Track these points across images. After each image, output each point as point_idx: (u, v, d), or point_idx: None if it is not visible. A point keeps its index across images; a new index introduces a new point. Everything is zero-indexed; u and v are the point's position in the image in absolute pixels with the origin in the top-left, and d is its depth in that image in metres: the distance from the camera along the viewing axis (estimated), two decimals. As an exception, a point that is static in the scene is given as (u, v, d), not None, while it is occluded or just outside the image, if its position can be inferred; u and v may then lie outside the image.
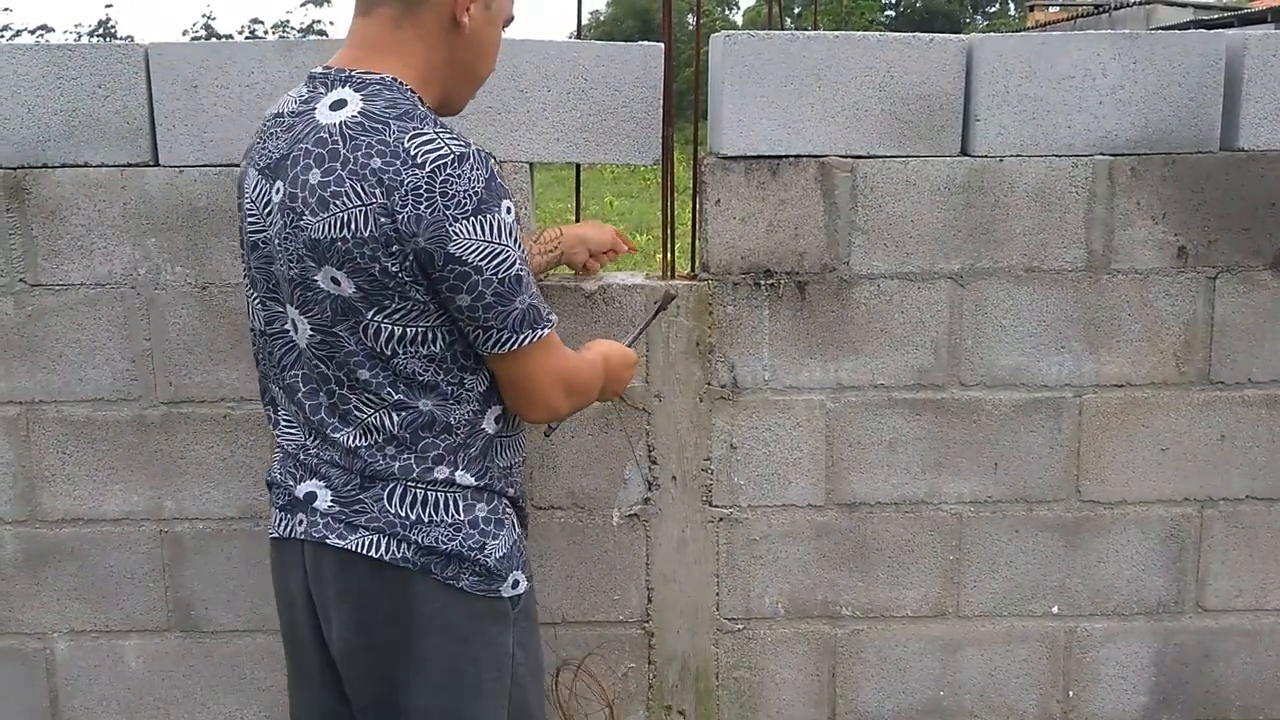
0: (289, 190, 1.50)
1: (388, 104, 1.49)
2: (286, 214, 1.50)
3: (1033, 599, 2.49)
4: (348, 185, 1.45)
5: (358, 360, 1.53)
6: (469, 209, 1.45)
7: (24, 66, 2.27)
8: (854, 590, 2.47)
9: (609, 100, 2.32)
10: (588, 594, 2.45)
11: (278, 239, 1.53)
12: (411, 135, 1.45)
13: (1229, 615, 2.51)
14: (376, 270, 1.46)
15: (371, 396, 1.56)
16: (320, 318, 1.53)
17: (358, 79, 1.52)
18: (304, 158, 1.49)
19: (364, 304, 1.49)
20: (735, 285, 2.35)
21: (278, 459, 1.70)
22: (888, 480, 2.43)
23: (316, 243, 1.47)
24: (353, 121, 1.47)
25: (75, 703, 2.50)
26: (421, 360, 1.54)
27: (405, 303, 1.49)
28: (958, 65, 2.31)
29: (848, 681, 2.51)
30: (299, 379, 1.61)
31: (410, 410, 1.57)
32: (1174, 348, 2.40)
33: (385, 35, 1.55)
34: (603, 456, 2.41)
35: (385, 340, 1.52)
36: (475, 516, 1.63)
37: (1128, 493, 2.45)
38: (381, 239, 1.44)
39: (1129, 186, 2.34)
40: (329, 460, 1.61)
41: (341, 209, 1.45)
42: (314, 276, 1.50)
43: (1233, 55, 2.32)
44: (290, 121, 1.55)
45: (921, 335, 2.38)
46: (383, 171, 1.44)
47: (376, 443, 1.58)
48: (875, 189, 2.33)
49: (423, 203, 1.43)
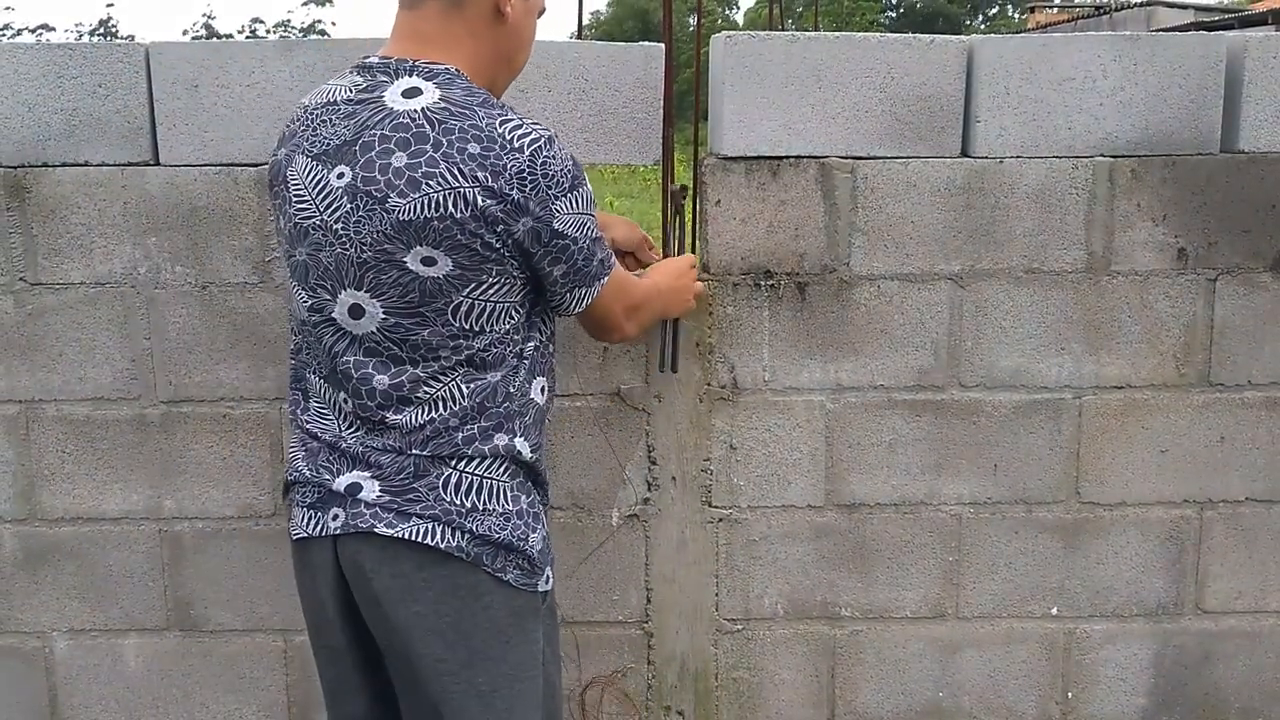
0: (361, 174, 1.53)
1: (465, 92, 1.56)
2: (360, 197, 1.53)
3: (1032, 600, 2.49)
4: (442, 167, 1.49)
5: (440, 339, 1.57)
6: (566, 186, 1.55)
7: (25, 65, 2.27)
8: (853, 591, 2.47)
9: (609, 100, 2.32)
10: (587, 594, 2.45)
11: (341, 223, 1.55)
12: (501, 121, 1.53)
13: (1228, 617, 2.51)
14: (479, 245, 1.52)
15: (444, 376, 1.59)
16: (400, 299, 1.55)
17: (424, 68, 1.57)
18: (380, 142, 1.53)
19: (460, 281, 1.54)
20: (735, 286, 2.35)
21: (302, 455, 1.69)
22: (887, 481, 2.43)
23: (407, 224, 1.51)
24: (437, 107, 1.53)
25: (74, 701, 2.50)
26: (500, 334, 1.60)
27: (500, 278, 1.56)
28: (958, 66, 2.31)
29: (847, 682, 2.51)
30: (353, 365, 1.61)
31: (480, 383, 1.61)
32: (1174, 349, 2.40)
33: (435, 28, 1.59)
34: (602, 457, 2.41)
35: (476, 317, 1.57)
36: (521, 508, 1.67)
37: (1127, 494, 2.45)
38: (487, 218, 1.51)
39: (1129, 188, 2.34)
40: (379, 446, 1.61)
41: (437, 189, 1.49)
42: (400, 258, 1.53)
43: (1233, 57, 2.32)
44: (349, 109, 1.58)
45: (921, 336, 2.38)
46: (483, 156, 1.50)
47: (442, 416, 1.60)
48: (876, 190, 2.33)
49: (528, 184, 1.51)
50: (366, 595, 1.62)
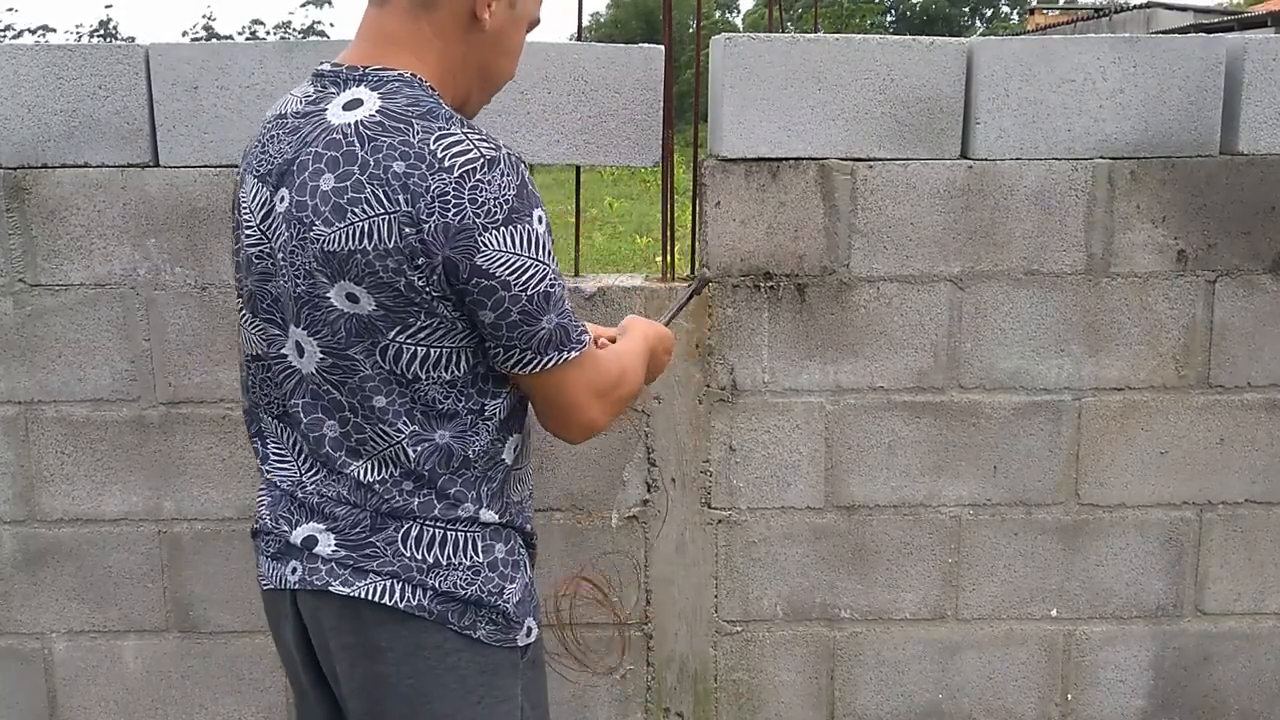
0: (296, 198, 1.37)
1: (409, 101, 1.37)
2: (293, 224, 1.38)
3: (1031, 602, 2.49)
4: (367, 191, 1.32)
5: (374, 385, 1.41)
6: (499, 218, 1.32)
7: (24, 67, 2.27)
8: (853, 593, 2.47)
9: (609, 102, 2.32)
10: (586, 595, 2.45)
11: (282, 252, 1.41)
12: (438, 136, 1.33)
13: (1228, 619, 2.51)
14: (401, 285, 1.34)
15: (387, 428, 1.43)
16: (333, 339, 1.40)
17: (374, 76, 1.40)
18: (314, 162, 1.36)
19: (385, 323, 1.36)
20: (735, 287, 2.35)
21: (266, 502, 1.56)
22: (887, 483, 2.43)
23: (331, 255, 1.34)
24: (370, 121, 1.35)
25: (73, 703, 2.50)
26: (443, 386, 1.42)
27: (431, 320, 1.37)
28: (958, 68, 2.31)
29: (846, 684, 2.51)
30: (302, 407, 1.47)
31: (427, 443, 1.44)
32: (1173, 351, 2.40)
33: (401, 29, 1.43)
34: (601, 458, 2.41)
35: (407, 363, 1.39)
36: (495, 558, 1.51)
37: (1127, 496, 2.45)
38: (406, 250, 1.31)
39: (1129, 190, 2.34)
40: (335, 497, 1.47)
41: (361, 217, 1.32)
42: (326, 293, 1.37)
43: (1233, 59, 2.32)
44: (295, 123, 1.43)
45: (921, 338, 2.38)
46: (407, 176, 1.31)
47: (393, 477, 1.45)
48: (875, 191, 2.33)
49: (450, 210, 1.31)
50: (327, 652, 1.51)
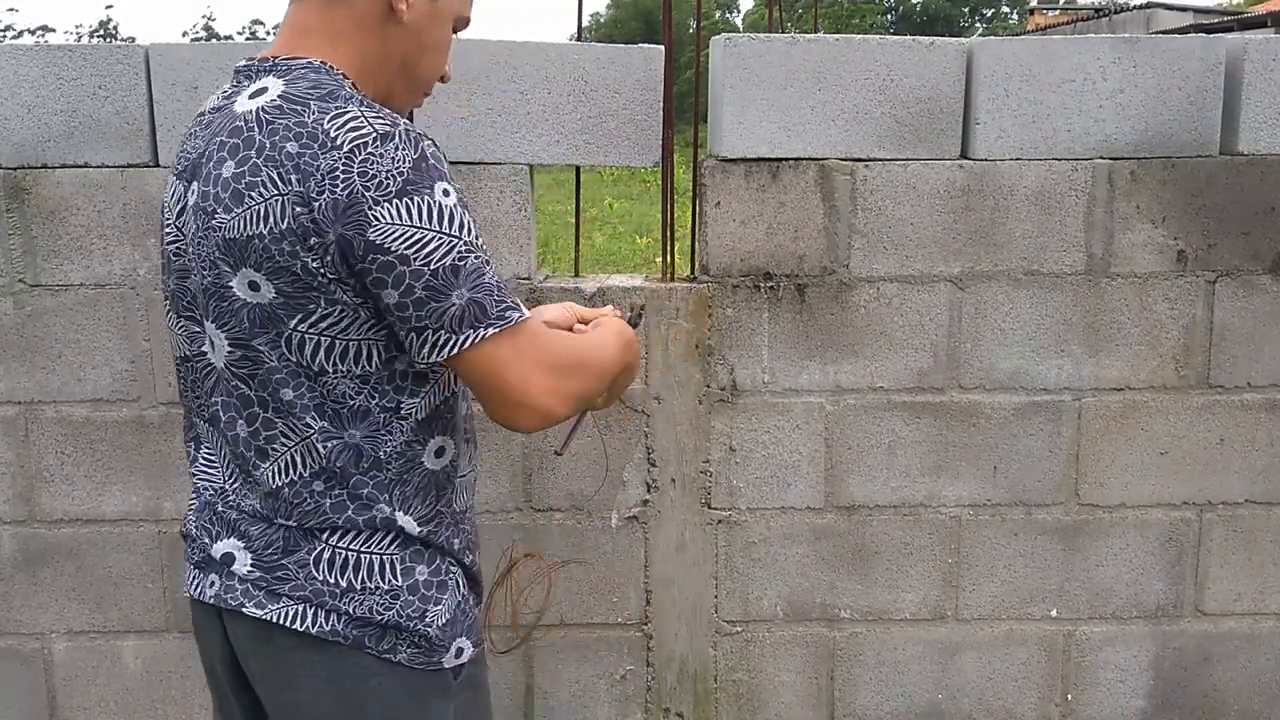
0: (202, 189, 1.35)
1: (310, 85, 1.34)
2: (199, 215, 1.35)
3: (1031, 602, 2.49)
4: (263, 174, 1.29)
5: (280, 379, 1.36)
6: (390, 190, 1.26)
7: (24, 67, 2.27)
8: (853, 593, 2.47)
9: (609, 102, 2.32)
10: (586, 596, 2.45)
11: (192, 245, 1.38)
12: (333, 115, 1.29)
13: (1228, 619, 2.50)
14: (297, 268, 1.29)
15: (296, 422, 1.38)
16: (238, 330, 1.36)
17: (282, 65, 1.38)
18: (218, 151, 1.34)
19: (286, 311, 1.32)
20: (735, 288, 2.35)
21: (194, 506, 1.52)
22: (887, 483, 2.43)
23: (231, 243, 1.31)
24: (270, 106, 1.32)
25: (73, 703, 2.49)
26: (354, 381, 1.36)
27: (332, 307, 1.32)
28: (958, 69, 2.31)
29: (846, 684, 2.51)
30: (220, 405, 1.43)
31: (336, 440, 1.38)
32: (1173, 351, 2.40)
33: (317, 20, 1.41)
34: (601, 459, 2.41)
35: (311, 353, 1.34)
36: (415, 581, 1.45)
37: (1127, 496, 2.45)
38: (299, 231, 1.27)
39: (1129, 190, 2.34)
40: (250, 512, 1.43)
41: (257, 201, 1.29)
42: (229, 283, 1.33)
43: (1232, 59, 2.32)
44: (209, 118, 1.41)
45: (921, 338, 2.38)
46: (299, 155, 1.27)
47: (302, 478, 1.40)
48: (875, 192, 2.33)
49: (339, 186, 1.26)
50: (248, 672, 1.47)
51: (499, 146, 2.31)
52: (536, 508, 2.42)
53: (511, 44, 2.29)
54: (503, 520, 2.42)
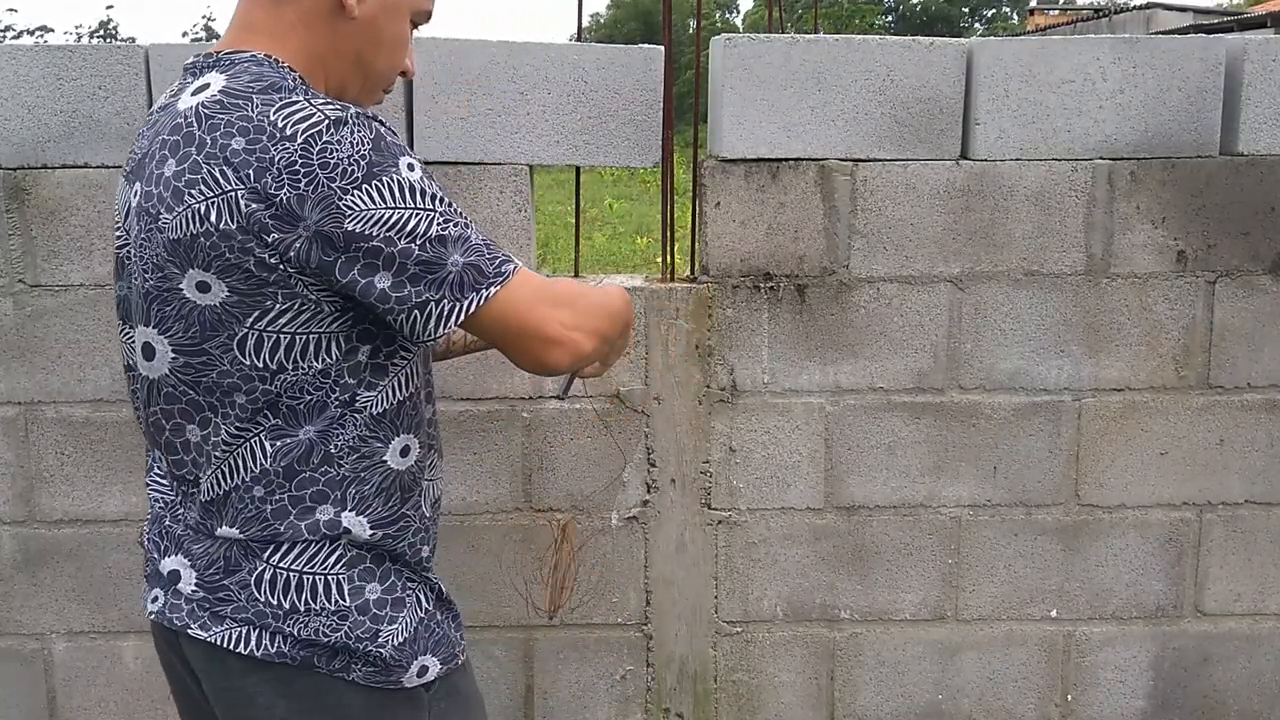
0: (144, 189, 1.32)
1: (252, 78, 1.30)
2: (143, 216, 1.32)
3: (1031, 603, 2.49)
4: (204, 171, 1.25)
5: (233, 382, 1.31)
6: (357, 177, 1.23)
7: (24, 67, 2.27)
8: (853, 593, 2.47)
9: (609, 103, 2.32)
10: (586, 596, 2.45)
11: (134, 247, 1.34)
12: (279, 106, 1.25)
13: (1227, 620, 2.51)
14: (250, 264, 1.25)
15: (243, 424, 1.33)
16: (184, 335, 1.31)
17: (226, 60, 1.34)
18: (160, 150, 1.31)
19: (240, 310, 1.28)
20: (735, 288, 2.35)
21: (149, 517, 1.49)
22: (886, 483, 2.43)
23: (176, 243, 1.27)
24: (210, 101, 1.28)
25: (73, 703, 2.49)
26: (313, 376, 1.32)
27: (290, 302, 1.28)
28: (958, 69, 2.31)
29: (846, 685, 2.51)
30: (159, 414, 1.38)
31: (287, 438, 1.33)
32: (1173, 352, 2.40)
33: (264, 16, 1.37)
34: (601, 459, 2.41)
35: (270, 352, 1.30)
36: (365, 600, 1.38)
37: (1127, 497, 2.45)
38: (255, 228, 1.23)
39: (1128, 190, 2.34)
40: (192, 525, 1.39)
41: (200, 198, 1.25)
42: (177, 285, 1.29)
43: (1232, 60, 2.33)
44: (155, 118, 1.38)
45: (921, 338, 2.38)
46: (247, 151, 1.23)
47: (244, 482, 1.34)
48: (875, 192, 2.33)
49: (302, 180, 1.22)
50: (205, 689, 1.44)
51: (499, 147, 2.31)
52: (536, 508, 2.42)
53: (511, 44, 2.29)
54: (503, 520, 2.42)
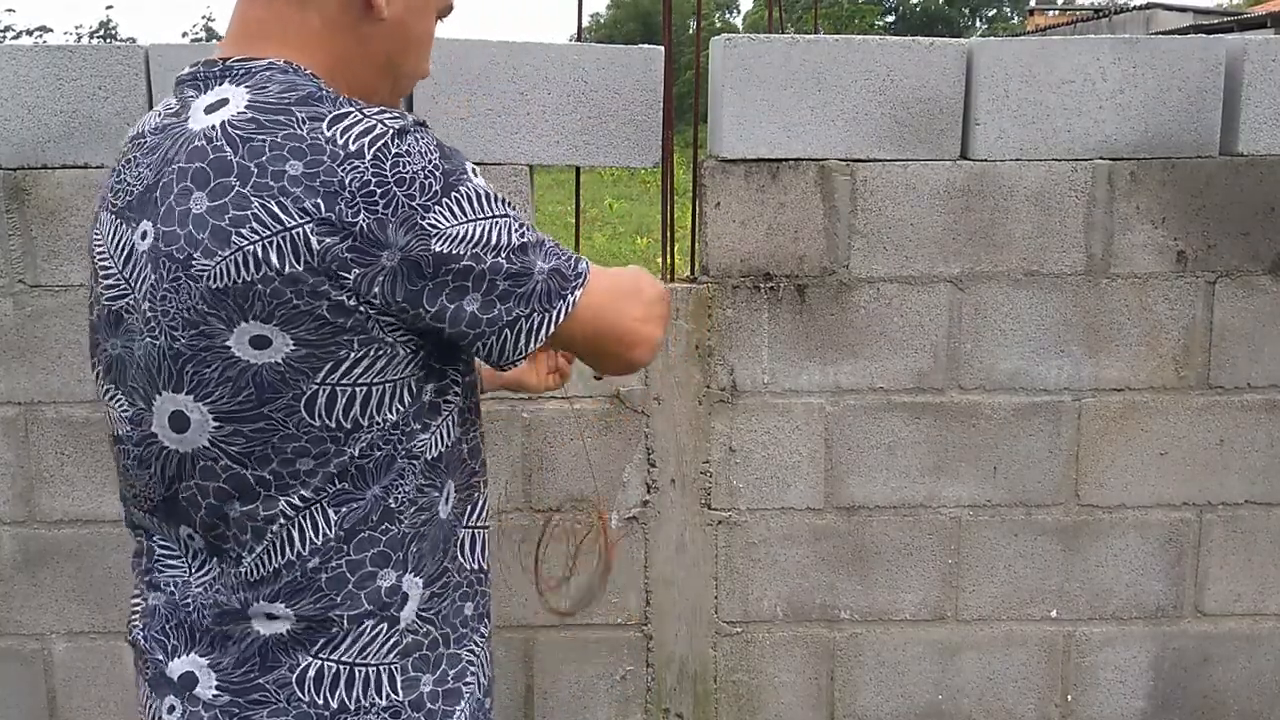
0: (162, 229, 1.12)
1: (283, 88, 1.14)
2: (162, 263, 1.12)
3: (1031, 603, 2.49)
4: (254, 205, 1.07)
5: (299, 447, 1.14)
6: (436, 190, 1.10)
7: (24, 68, 2.28)
8: (853, 594, 2.47)
9: (609, 103, 2.32)
10: (586, 595, 2.45)
11: (149, 301, 1.14)
12: (331, 120, 1.10)
13: (1227, 620, 2.51)
14: (323, 310, 1.09)
15: (305, 492, 1.16)
16: (235, 400, 1.13)
17: (239, 69, 1.17)
18: (179, 181, 1.12)
19: (309, 365, 1.11)
20: (735, 288, 2.35)
21: (140, 608, 1.27)
22: (886, 483, 2.43)
23: (221, 293, 1.09)
24: (240, 119, 1.11)
25: (73, 703, 2.49)
26: (386, 429, 1.17)
27: (366, 348, 1.12)
28: (958, 69, 2.31)
29: (846, 685, 2.51)
30: (194, 491, 1.18)
31: (355, 503, 1.17)
32: (1173, 352, 2.40)
33: (277, 20, 1.20)
34: (602, 459, 2.41)
35: (344, 410, 1.14)
36: (420, 694, 1.23)
37: (1126, 497, 2.45)
38: (332, 265, 1.07)
39: (1128, 191, 2.34)
40: (225, 610, 1.19)
41: (254, 238, 1.07)
42: (224, 343, 1.11)
43: (1232, 60, 2.33)
44: (154, 141, 1.18)
45: (921, 339, 2.38)
46: (309, 176, 1.07)
47: (299, 556, 1.17)
48: (875, 192, 2.33)
49: (380, 202, 1.08)
50: None
51: (499, 147, 2.31)
52: (536, 508, 2.42)
53: (511, 44, 2.29)
54: (503, 520, 2.42)
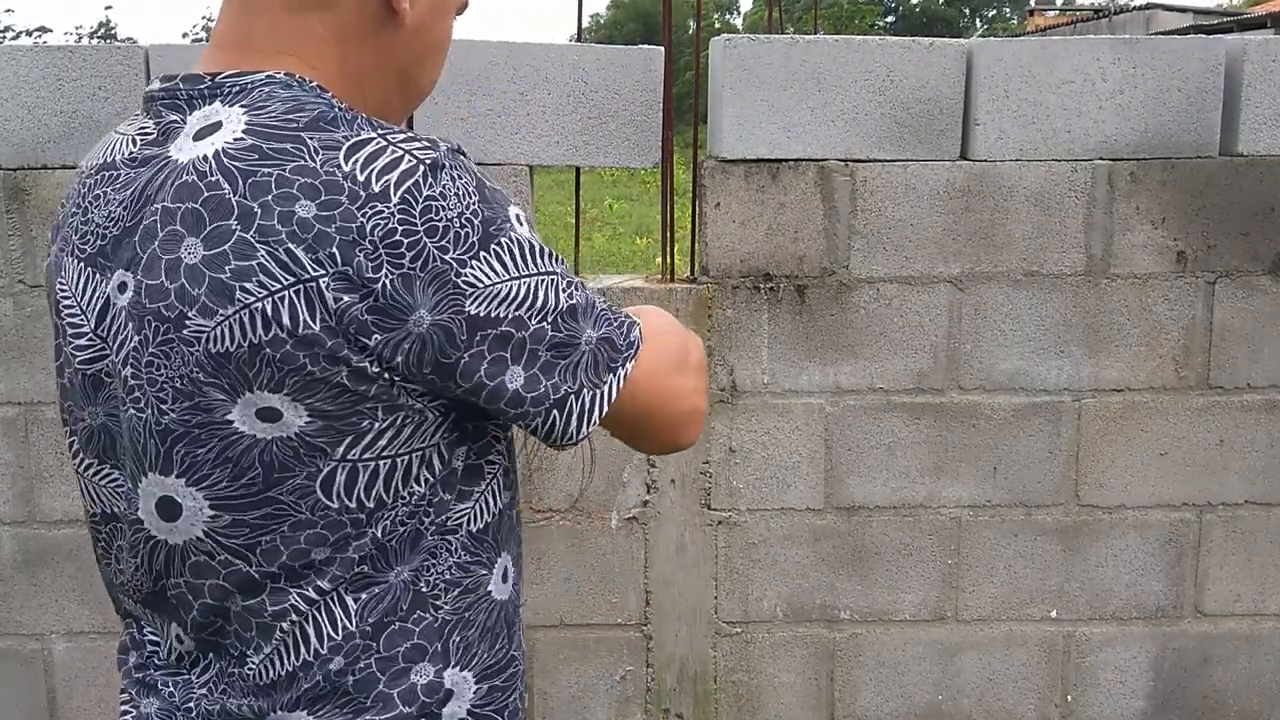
0: (146, 283, 0.93)
1: (288, 108, 0.94)
2: (147, 322, 0.93)
3: (1031, 603, 2.49)
4: (260, 254, 0.89)
5: (312, 535, 0.96)
6: (473, 242, 0.91)
7: (24, 68, 2.28)
8: (852, 594, 2.47)
9: (609, 103, 2.32)
10: (586, 597, 2.45)
11: (131, 367, 0.95)
12: (348, 150, 0.91)
13: (1227, 620, 2.51)
14: (343, 377, 0.91)
15: (318, 582, 0.98)
16: (236, 484, 0.95)
17: (229, 85, 0.97)
18: (164, 224, 0.93)
19: (327, 439, 0.93)
20: (735, 289, 2.35)
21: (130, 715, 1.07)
22: (886, 484, 2.43)
23: (223, 359, 0.91)
24: (238, 148, 0.92)
25: (73, 704, 2.49)
26: (409, 506, 0.98)
27: (392, 416, 0.94)
28: (958, 69, 2.31)
29: (846, 685, 2.51)
30: (186, 588, 1.00)
31: (376, 587, 0.98)
32: (1173, 352, 2.40)
33: (269, 28, 1.00)
34: (601, 459, 2.41)
35: (366, 487, 0.96)
36: None
37: (1126, 497, 2.45)
38: (351, 328, 0.89)
39: (1128, 191, 2.34)
40: (232, 717, 1.01)
41: (261, 293, 0.89)
42: (225, 416, 0.93)
43: (1232, 60, 2.33)
44: (130, 174, 0.99)
45: (920, 339, 2.38)
46: (324, 220, 0.88)
47: (319, 656, 0.98)
48: (875, 193, 2.33)
49: (406, 254, 0.88)
50: None
51: (499, 148, 2.31)
52: (536, 508, 2.41)
53: (511, 45, 2.29)
54: (502, 521, 2.42)
